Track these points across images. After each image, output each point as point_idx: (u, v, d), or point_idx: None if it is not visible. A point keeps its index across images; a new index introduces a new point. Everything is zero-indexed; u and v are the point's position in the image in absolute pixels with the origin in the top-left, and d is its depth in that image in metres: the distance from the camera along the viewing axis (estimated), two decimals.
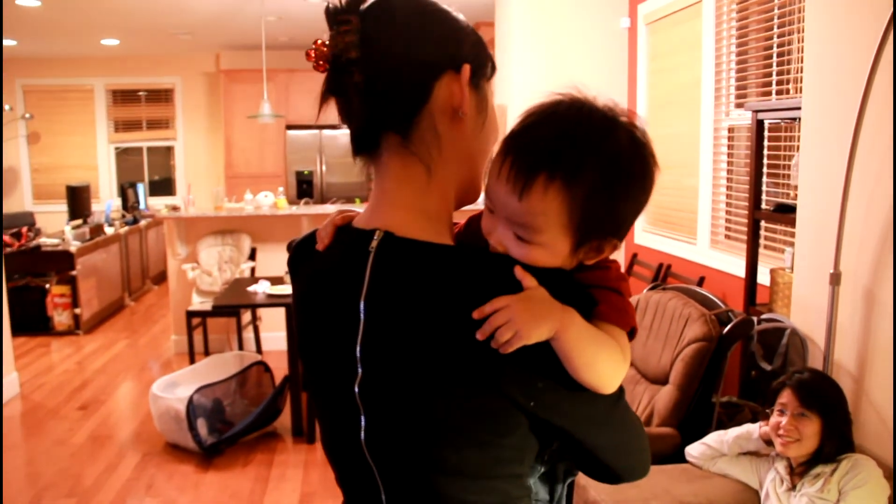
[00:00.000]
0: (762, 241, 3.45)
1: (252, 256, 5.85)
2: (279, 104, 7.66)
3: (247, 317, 5.87)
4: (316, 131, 8.31)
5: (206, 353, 5.75)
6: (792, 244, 3.19)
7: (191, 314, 5.49)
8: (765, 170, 3.29)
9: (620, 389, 0.90)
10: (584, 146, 0.84)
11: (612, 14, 5.13)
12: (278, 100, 7.87)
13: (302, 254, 1.05)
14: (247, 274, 5.67)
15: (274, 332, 5.85)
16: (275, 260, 5.83)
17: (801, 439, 2.05)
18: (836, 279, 2.47)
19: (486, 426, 0.85)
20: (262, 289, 4.53)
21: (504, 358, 0.81)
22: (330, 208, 6.06)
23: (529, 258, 0.86)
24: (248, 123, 7.83)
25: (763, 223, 3.37)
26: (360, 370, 0.90)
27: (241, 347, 5.65)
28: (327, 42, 0.90)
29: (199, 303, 5.64)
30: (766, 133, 3.23)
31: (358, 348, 0.90)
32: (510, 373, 0.82)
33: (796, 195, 3.20)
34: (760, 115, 3.15)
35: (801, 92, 3.25)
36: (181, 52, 8.98)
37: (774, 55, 3.55)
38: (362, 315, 0.90)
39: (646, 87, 4.94)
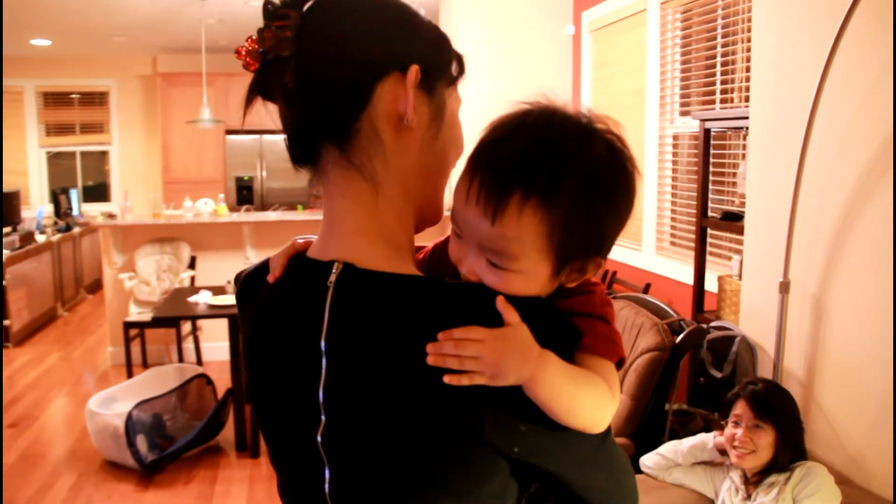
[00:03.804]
0: (708, 249, 3.48)
1: (192, 265, 5.69)
2: (219, 109, 7.48)
3: (187, 327, 5.70)
4: (256, 136, 8.16)
5: (145, 365, 5.57)
6: (739, 252, 3.22)
7: (128, 325, 5.30)
8: (710, 178, 3.33)
9: (606, 430, 0.83)
10: (560, 159, 0.76)
11: (557, 21, 5.15)
12: (218, 104, 7.68)
13: (251, 286, 0.95)
14: (186, 283, 5.50)
15: (215, 342, 5.70)
16: (215, 269, 5.68)
17: (756, 451, 2.05)
18: (785, 287, 2.49)
19: (464, 475, 0.77)
20: (203, 299, 4.40)
21: (482, 398, 0.74)
22: (272, 215, 5.94)
23: (506, 287, 0.77)
24: (186, 128, 7.64)
25: (709, 231, 3.40)
26: (323, 417, 0.81)
27: (181, 359, 5.49)
28: (257, 38, 0.81)
29: (136, 313, 5.46)
30: (712, 141, 3.26)
31: (321, 393, 0.80)
32: (490, 417, 0.74)
33: (742, 203, 3.24)
34: (707, 124, 3.18)
35: (745, 101, 3.30)
36: (116, 53, 8.72)
37: (718, 64, 3.59)
38: (324, 356, 0.80)
39: (590, 95, 4.97)
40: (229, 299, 4.34)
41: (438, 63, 0.84)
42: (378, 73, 0.80)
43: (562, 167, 0.75)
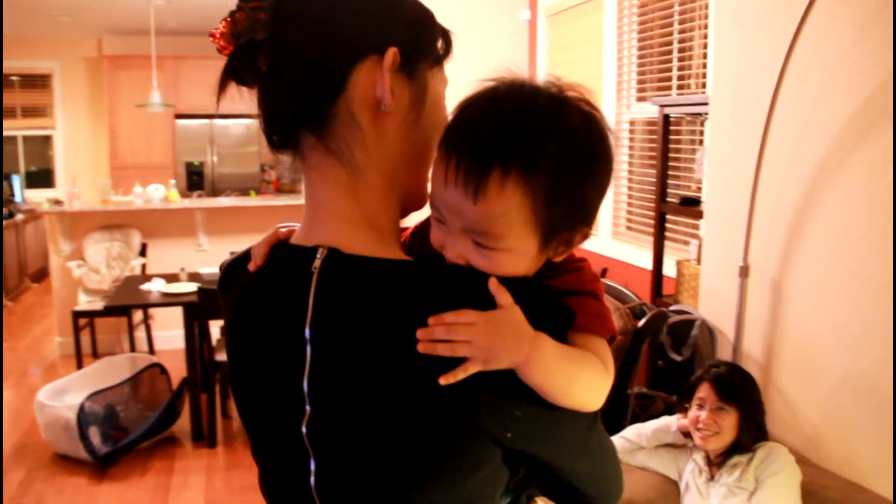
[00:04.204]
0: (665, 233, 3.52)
1: (143, 252, 5.56)
2: (168, 92, 7.30)
3: (138, 316, 5.58)
4: (207, 121, 7.98)
5: (95, 355, 5.44)
6: (695, 237, 3.27)
7: (77, 314, 5.17)
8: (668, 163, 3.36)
9: (595, 414, 0.83)
10: (536, 130, 0.74)
11: (513, 6, 5.13)
12: (167, 88, 7.49)
13: (232, 275, 0.92)
14: (137, 271, 5.38)
15: (167, 331, 5.59)
16: (167, 256, 5.56)
17: (720, 432, 2.08)
18: (744, 272, 2.53)
19: (456, 463, 0.75)
20: (156, 287, 4.31)
21: (477, 384, 0.72)
22: (225, 201, 5.85)
23: (496, 268, 0.75)
24: (134, 112, 7.43)
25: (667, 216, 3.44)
26: (308, 408, 0.79)
27: (132, 349, 5.38)
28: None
29: (86, 302, 5.32)
30: (670, 127, 3.29)
31: (305, 383, 0.78)
32: (485, 403, 0.73)
33: (698, 188, 3.29)
34: (666, 110, 3.21)
35: (701, 87, 3.34)
36: (60, 35, 8.43)
37: (675, 51, 3.62)
38: (308, 344, 0.78)
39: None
40: (183, 287, 4.25)
41: (420, 44, 0.82)
42: (354, 56, 0.78)
43: (539, 138, 0.74)
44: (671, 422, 2.28)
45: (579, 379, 0.76)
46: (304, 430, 0.80)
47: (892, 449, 1.79)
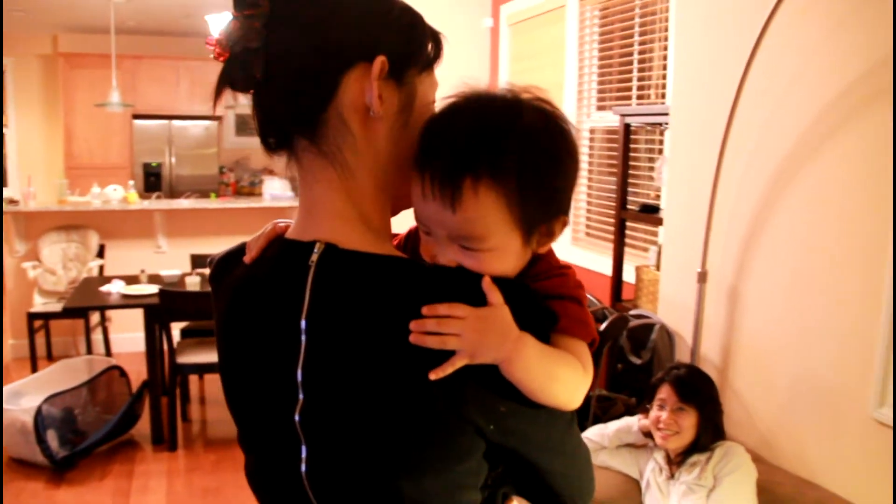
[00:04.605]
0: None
1: (100, 254, 5.49)
2: (126, 92, 7.19)
3: (94, 318, 5.51)
4: (165, 121, 7.89)
5: (50, 357, 5.37)
6: (654, 243, 3.36)
7: (32, 316, 5.08)
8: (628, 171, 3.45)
9: (572, 417, 0.88)
10: (497, 134, 0.79)
11: (475, 14, 5.19)
12: (125, 87, 7.38)
13: (224, 268, 0.96)
14: (95, 273, 5.31)
15: (125, 333, 5.53)
16: (126, 258, 5.51)
17: (680, 432, 2.16)
18: (703, 277, 2.62)
19: (443, 453, 0.79)
20: (116, 289, 4.26)
21: (466, 378, 0.76)
22: (184, 203, 5.80)
23: (486, 268, 0.80)
24: (90, 112, 7.32)
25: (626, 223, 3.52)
26: (301, 396, 0.82)
27: (89, 351, 5.30)
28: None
29: (41, 304, 5.23)
30: (631, 136, 3.38)
31: (299, 372, 0.81)
32: (472, 397, 0.77)
33: (657, 196, 3.38)
34: (627, 119, 3.30)
35: (661, 97, 3.44)
36: (13, 30, 8.26)
37: (635, 61, 3.72)
38: (303, 335, 0.81)
39: None
40: (144, 289, 4.22)
41: (409, 50, 0.85)
42: (344, 64, 0.81)
43: (500, 141, 0.79)
44: (632, 422, 2.35)
45: (558, 378, 0.81)
46: (296, 417, 0.83)
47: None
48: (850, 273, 2.13)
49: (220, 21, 3.81)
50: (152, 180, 7.93)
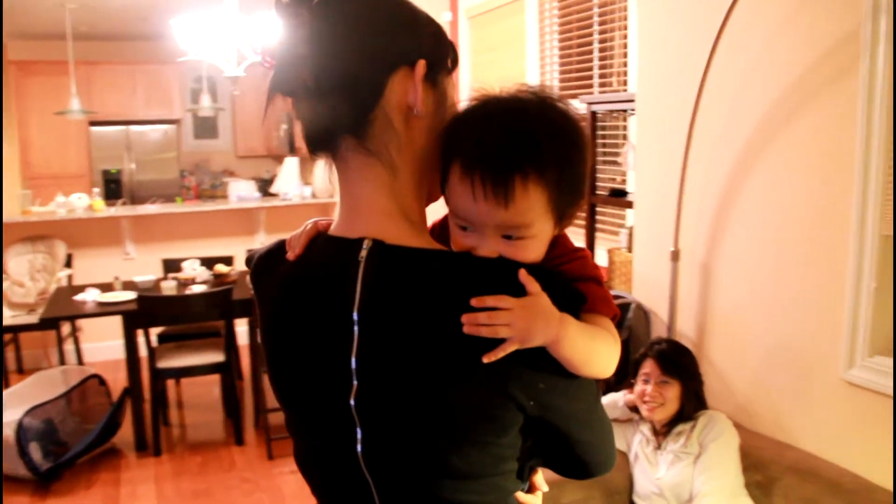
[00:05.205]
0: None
1: (68, 263, 5.44)
2: (81, 99, 7.11)
3: (65, 328, 5.46)
4: (123, 127, 7.81)
5: (20, 370, 5.32)
6: (623, 226, 3.47)
7: (2, 329, 5.03)
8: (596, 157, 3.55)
9: (598, 389, 0.96)
10: (533, 134, 0.86)
11: (434, 7, 5.23)
12: (80, 94, 7.31)
13: (267, 266, 1.02)
14: (64, 282, 5.27)
15: (99, 342, 5.50)
16: (94, 266, 5.47)
17: (664, 403, 2.26)
18: (675, 256, 2.73)
19: (488, 427, 0.86)
20: (91, 297, 4.25)
21: (509, 359, 0.83)
22: (152, 208, 5.77)
23: (525, 254, 0.88)
24: (46, 120, 7.21)
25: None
26: (355, 382, 0.89)
27: (62, 362, 5.26)
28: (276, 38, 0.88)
29: (10, 316, 5.17)
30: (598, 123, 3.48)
31: (353, 360, 0.88)
32: (515, 374, 0.84)
33: (622, 181, 3.49)
34: (594, 107, 3.40)
35: (623, 85, 3.54)
36: None
37: (596, 51, 3.82)
38: (356, 326, 0.88)
39: (469, 81, 5.12)
40: (120, 296, 4.21)
41: (440, 55, 0.94)
42: (389, 68, 0.89)
43: (538, 140, 0.87)
44: (618, 397, 2.45)
45: (598, 351, 0.90)
46: (351, 402, 0.90)
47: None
48: (815, 245, 2.25)
49: (185, 25, 3.81)
50: (112, 187, 7.85)
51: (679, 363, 2.30)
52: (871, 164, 2.05)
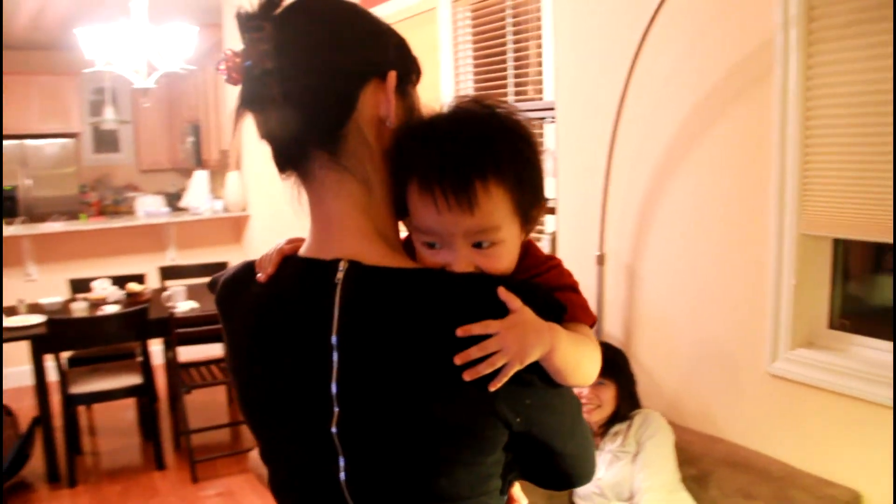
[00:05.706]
0: None
1: None
2: None
3: None
4: (17, 141, 7.44)
5: None
6: (542, 232, 3.52)
7: None
8: None
9: (579, 402, 0.97)
10: (486, 137, 0.86)
11: None
12: None
13: (234, 290, 0.98)
14: None
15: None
16: None
17: (601, 405, 2.31)
18: (601, 260, 2.80)
19: (476, 447, 0.85)
20: None
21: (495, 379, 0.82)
22: (56, 226, 5.51)
23: (498, 262, 0.88)
24: None
25: None
26: (336, 409, 0.86)
27: None
28: (239, 52, 0.86)
29: None
30: None
31: (333, 386, 0.86)
32: (502, 392, 0.83)
33: None
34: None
35: (539, 94, 3.60)
36: None
37: (510, 60, 3.87)
38: (335, 351, 0.85)
39: None
40: (25, 319, 4.00)
41: (407, 66, 0.93)
42: (360, 80, 0.88)
43: (492, 142, 0.87)
44: None
45: (585, 356, 0.90)
46: (333, 430, 0.87)
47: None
48: (737, 245, 2.35)
49: (91, 35, 3.66)
50: (7, 205, 7.46)
51: (613, 364, 2.35)
52: (787, 167, 2.16)
